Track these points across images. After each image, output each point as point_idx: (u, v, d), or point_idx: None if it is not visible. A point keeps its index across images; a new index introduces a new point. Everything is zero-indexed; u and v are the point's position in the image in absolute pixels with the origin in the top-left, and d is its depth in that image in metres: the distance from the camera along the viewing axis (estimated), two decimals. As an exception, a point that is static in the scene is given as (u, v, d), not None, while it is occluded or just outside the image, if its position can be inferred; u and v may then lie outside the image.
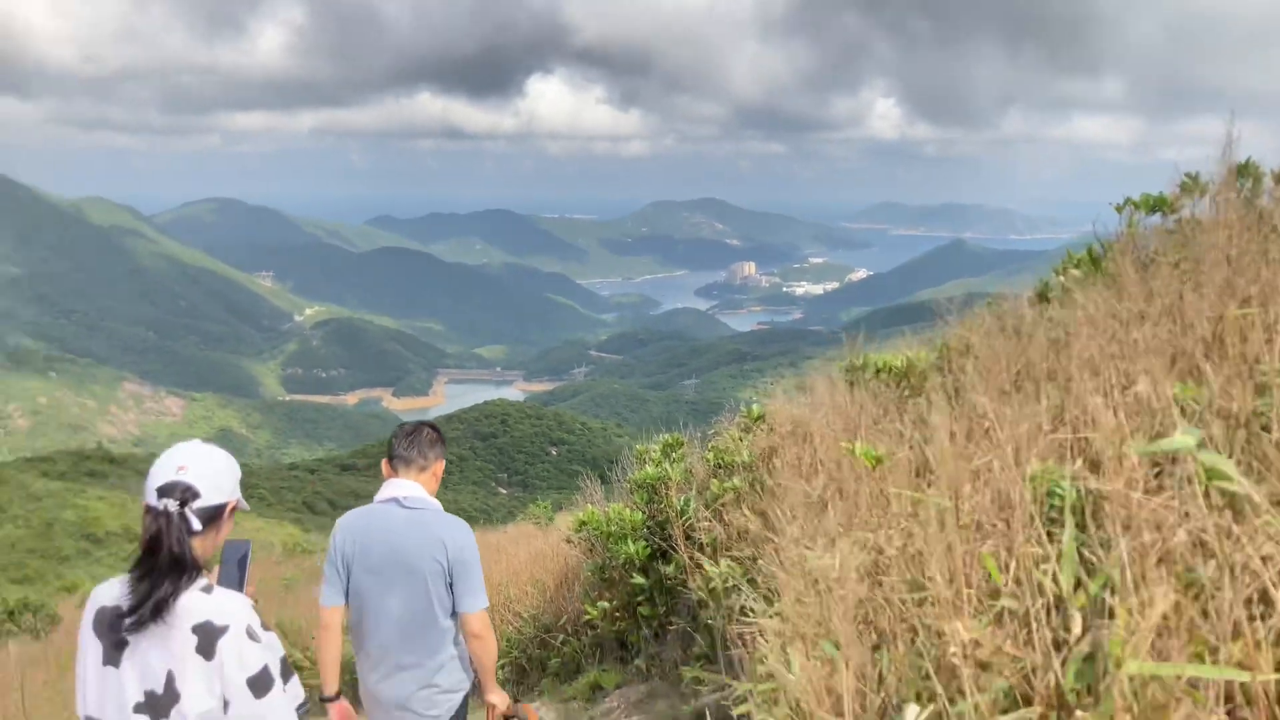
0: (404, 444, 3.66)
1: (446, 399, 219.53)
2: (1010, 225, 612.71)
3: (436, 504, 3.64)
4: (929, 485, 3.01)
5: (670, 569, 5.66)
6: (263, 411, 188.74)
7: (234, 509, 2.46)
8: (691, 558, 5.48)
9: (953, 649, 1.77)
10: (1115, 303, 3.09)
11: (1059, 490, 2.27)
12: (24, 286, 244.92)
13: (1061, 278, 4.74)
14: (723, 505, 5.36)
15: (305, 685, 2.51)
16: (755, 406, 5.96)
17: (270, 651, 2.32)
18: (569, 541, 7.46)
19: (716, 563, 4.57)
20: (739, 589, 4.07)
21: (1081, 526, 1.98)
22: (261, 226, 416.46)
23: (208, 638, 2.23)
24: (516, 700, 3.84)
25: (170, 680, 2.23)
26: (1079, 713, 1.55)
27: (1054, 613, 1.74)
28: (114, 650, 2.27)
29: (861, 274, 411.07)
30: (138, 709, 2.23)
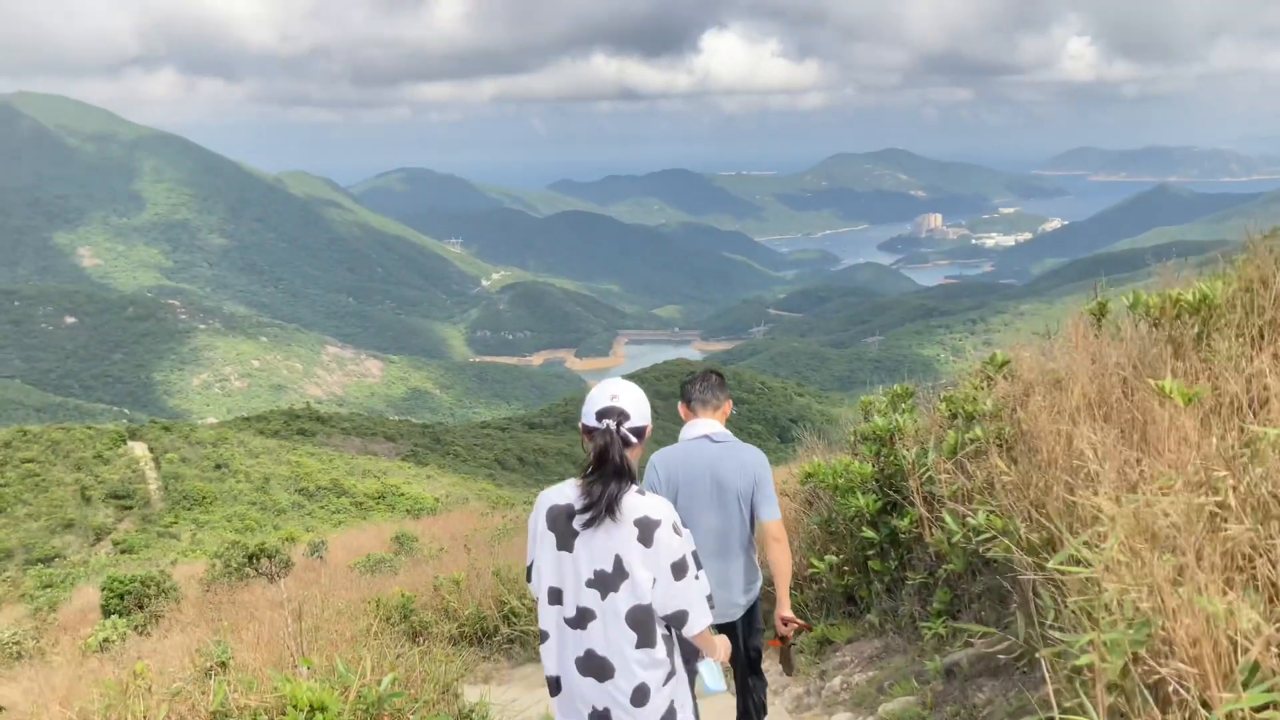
0: (699, 389, 4.34)
1: (626, 359, 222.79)
2: (1223, 167, 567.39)
3: (732, 436, 4.30)
4: (1236, 425, 2.72)
5: (904, 522, 5.46)
6: (454, 372, 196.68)
7: (649, 432, 2.98)
8: (931, 510, 5.27)
9: None
10: None
11: None
12: (235, 257, 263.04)
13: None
14: (965, 456, 5.12)
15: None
16: (998, 353, 5.65)
17: (687, 544, 2.85)
18: (784, 494, 7.34)
19: (969, 513, 4.35)
20: (1002, 540, 3.85)
21: None
22: (449, 194, 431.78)
23: (646, 529, 2.78)
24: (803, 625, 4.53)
25: (618, 562, 2.78)
26: None
27: None
28: (568, 539, 2.83)
29: (1056, 223, 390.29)
30: (589, 584, 2.80)
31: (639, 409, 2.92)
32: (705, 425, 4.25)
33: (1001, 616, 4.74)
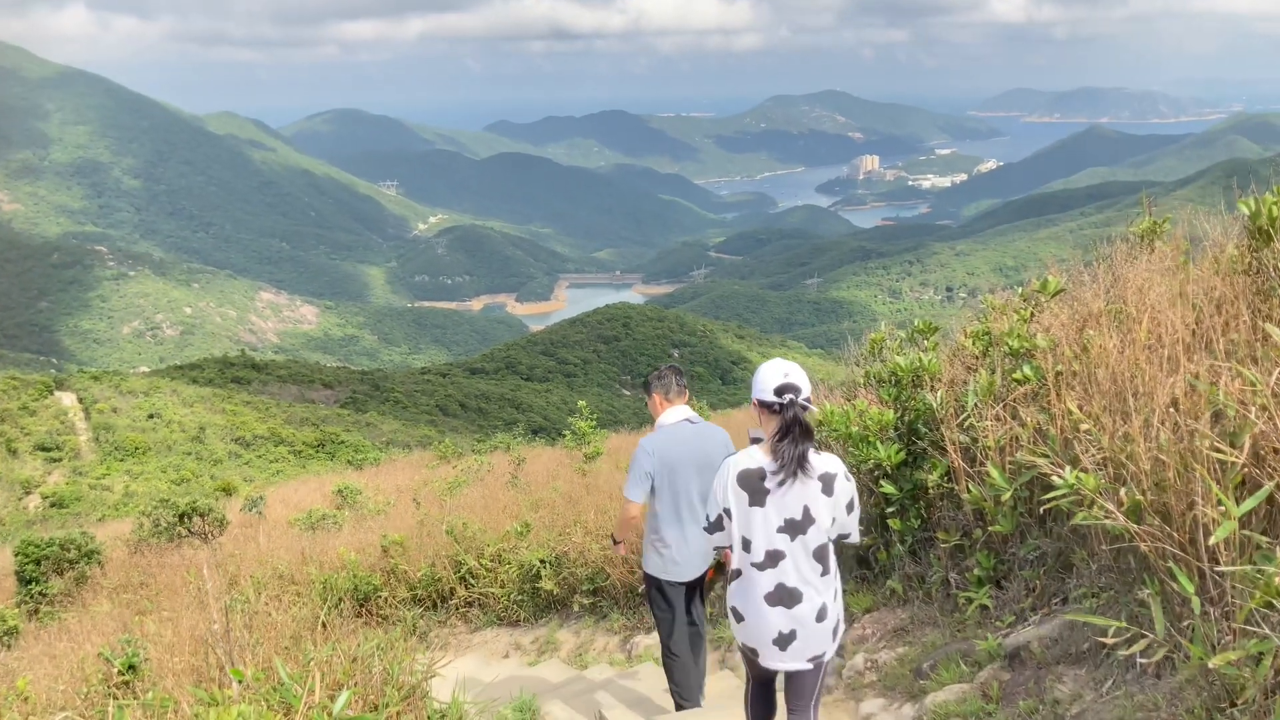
0: (675, 381, 4.98)
1: (568, 303, 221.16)
2: (1153, 108, 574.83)
3: (700, 417, 5.01)
4: None
5: (934, 476, 4.76)
6: (392, 318, 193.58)
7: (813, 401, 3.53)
8: (973, 463, 4.56)
9: None
10: None
11: None
12: (163, 201, 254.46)
13: None
14: (1014, 400, 4.41)
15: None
16: (1050, 280, 4.92)
17: (854, 487, 3.53)
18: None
19: (1037, 465, 3.62)
20: (1099, 503, 3.14)
21: None
22: (383, 136, 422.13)
23: (828, 481, 3.44)
24: None
25: (806, 511, 3.41)
26: None
27: None
28: (759, 496, 3.43)
29: (991, 164, 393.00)
30: (779, 530, 3.42)
31: (805, 383, 3.47)
32: (682, 410, 4.94)
33: (1065, 584, 4.07)
